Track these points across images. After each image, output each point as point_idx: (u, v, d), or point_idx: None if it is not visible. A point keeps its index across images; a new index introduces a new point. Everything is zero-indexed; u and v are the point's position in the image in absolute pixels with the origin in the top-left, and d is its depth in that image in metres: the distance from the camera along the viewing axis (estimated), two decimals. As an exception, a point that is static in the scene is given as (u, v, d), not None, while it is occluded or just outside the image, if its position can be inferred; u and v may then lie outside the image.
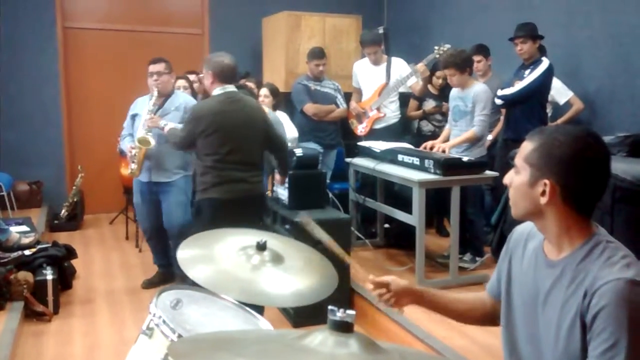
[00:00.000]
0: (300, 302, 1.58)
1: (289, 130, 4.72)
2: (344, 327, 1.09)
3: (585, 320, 1.29)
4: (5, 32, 6.04)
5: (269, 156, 3.90)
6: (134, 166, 4.03)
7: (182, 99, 4.21)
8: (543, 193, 1.36)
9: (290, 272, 1.67)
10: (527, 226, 1.55)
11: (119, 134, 4.42)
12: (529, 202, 1.40)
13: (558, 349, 1.35)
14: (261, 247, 1.68)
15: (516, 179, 1.42)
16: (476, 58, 4.84)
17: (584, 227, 1.38)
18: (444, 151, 4.25)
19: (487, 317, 1.69)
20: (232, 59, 3.37)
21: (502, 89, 4.45)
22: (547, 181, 1.35)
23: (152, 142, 3.92)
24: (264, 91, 4.80)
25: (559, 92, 4.71)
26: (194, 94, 4.93)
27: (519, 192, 1.41)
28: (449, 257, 4.31)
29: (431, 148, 4.44)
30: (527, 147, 1.41)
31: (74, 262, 4.39)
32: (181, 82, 4.88)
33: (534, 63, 4.31)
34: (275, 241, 1.77)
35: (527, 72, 4.32)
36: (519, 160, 1.42)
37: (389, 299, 1.67)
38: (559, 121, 4.68)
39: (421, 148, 4.49)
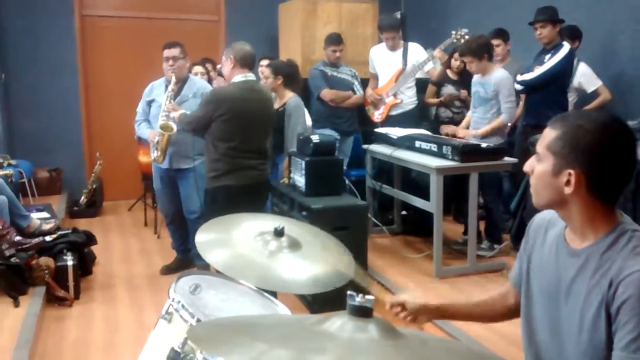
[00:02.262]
0: (317, 289, 1.57)
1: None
2: (363, 312, 1.09)
3: (610, 311, 1.26)
4: (23, 20, 6.08)
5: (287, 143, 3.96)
6: (157, 153, 4.04)
7: (199, 84, 4.22)
8: (567, 183, 1.32)
9: (307, 258, 1.67)
10: (547, 214, 1.52)
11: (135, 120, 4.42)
12: (552, 191, 1.35)
13: (582, 340, 1.32)
14: (279, 233, 1.68)
15: (538, 167, 1.38)
16: (495, 42, 4.77)
17: (608, 216, 1.35)
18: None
19: (512, 312, 1.65)
20: (252, 48, 3.47)
21: (522, 74, 4.39)
22: (572, 171, 1.31)
23: (174, 127, 3.92)
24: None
25: (588, 79, 4.60)
26: (209, 81, 4.93)
27: (542, 181, 1.37)
28: (464, 243, 4.29)
29: (453, 135, 4.41)
30: (549, 134, 1.36)
31: (94, 248, 4.44)
32: (198, 69, 4.88)
33: (554, 48, 4.24)
34: (292, 227, 1.77)
35: (547, 56, 4.25)
36: (541, 148, 1.37)
37: (406, 318, 1.64)
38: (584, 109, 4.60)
39: (443, 134, 4.46)
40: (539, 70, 4.24)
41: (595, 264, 1.32)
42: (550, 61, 4.21)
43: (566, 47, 4.21)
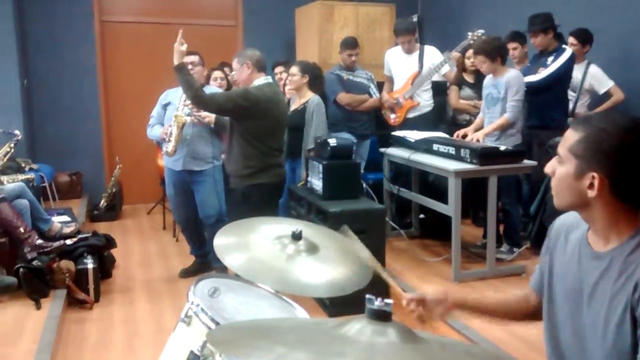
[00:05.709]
0: (336, 292, 1.57)
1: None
2: (382, 316, 1.08)
3: (635, 315, 1.25)
4: (44, 27, 6.18)
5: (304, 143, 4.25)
6: (169, 145, 4.01)
7: (215, 90, 4.24)
8: (591, 186, 1.31)
9: (325, 261, 1.67)
10: (568, 217, 1.51)
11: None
12: (574, 193, 1.34)
13: (606, 344, 1.30)
14: (296, 236, 1.68)
15: (560, 169, 1.36)
16: (512, 45, 4.75)
17: (632, 219, 1.33)
18: (477, 140, 4.20)
19: (532, 314, 1.63)
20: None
21: (524, 75, 4.39)
22: (595, 174, 1.29)
23: (187, 119, 3.95)
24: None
25: (599, 81, 4.60)
26: (229, 85, 4.96)
27: (564, 183, 1.36)
28: (482, 246, 4.26)
29: (464, 136, 4.38)
30: (571, 136, 1.34)
31: (113, 252, 4.48)
32: (217, 74, 4.91)
33: (556, 51, 4.32)
34: (310, 230, 1.77)
35: (550, 59, 4.33)
36: (562, 149, 1.36)
37: (423, 315, 1.58)
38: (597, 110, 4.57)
39: (454, 137, 4.44)
40: (545, 72, 4.30)
41: (620, 267, 1.30)
42: (555, 63, 4.29)
43: (568, 50, 4.32)
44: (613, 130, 1.29)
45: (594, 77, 4.62)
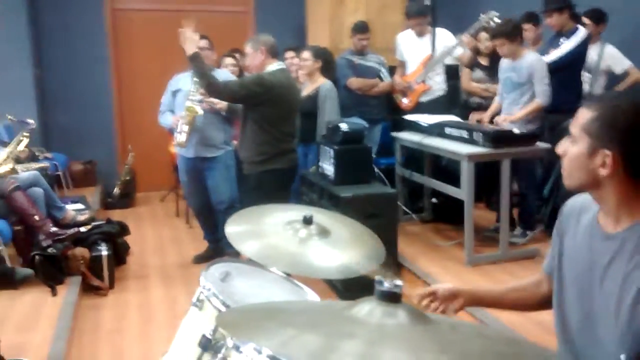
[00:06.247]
0: (348, 274, 1.57)
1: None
2: (392, 298, 1.08)
3: None
4: (56, 15, 6.19)
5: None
6: (181, 136, 4.02)
7: (224, 75, 4.23)
8: (603, 164, 1.29)
9: (336, 245, 1.67)
10: (578, 199, 1.49)
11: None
12: (586, 172, 1.32)
13: (619, 325, 1.28)
14: (308, 221, 1.68)
15: (572, 148, 1.34)
16: (526, 26, 4.68)
17: None
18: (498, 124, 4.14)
19: (546, 300, 1.60)
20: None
21: None
22: (608, 152, 1.28)
23: (200, 111, 3.95)
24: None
25: (616, 61, 4.53)
26: (240, 71, 4.95)
27: (576, 162, 1.34)
28: (495, 230, 4.24)
29: (479, 122, 4.34)
30: (585, 115, 1.33)
31: (127, 239, 4.51)
32: (229, 60, 4.90)
33: (570, 31, 4.22)
34: (321, 215, 1.77)
35: (562, 39, 4.22)
36: (575, 129, 1.34)
37: (438, 307, 1.61)
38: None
39: (470, 122, 4.40)
40: (555, 54, 4.22)
41: (633, 247, 1.29)
42: (566, 45, 4.21)
43: (582, 30, 4.22)
44: (628, 107, 1.27)
45: (611, 57, 4.54)
